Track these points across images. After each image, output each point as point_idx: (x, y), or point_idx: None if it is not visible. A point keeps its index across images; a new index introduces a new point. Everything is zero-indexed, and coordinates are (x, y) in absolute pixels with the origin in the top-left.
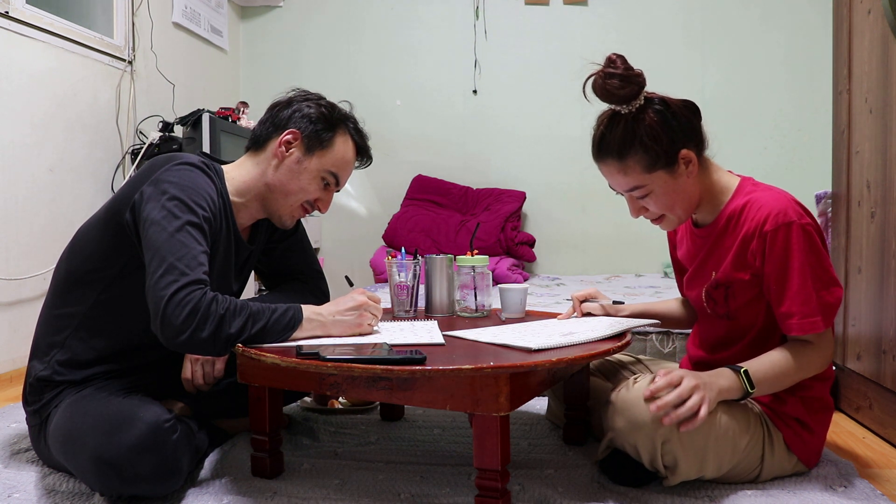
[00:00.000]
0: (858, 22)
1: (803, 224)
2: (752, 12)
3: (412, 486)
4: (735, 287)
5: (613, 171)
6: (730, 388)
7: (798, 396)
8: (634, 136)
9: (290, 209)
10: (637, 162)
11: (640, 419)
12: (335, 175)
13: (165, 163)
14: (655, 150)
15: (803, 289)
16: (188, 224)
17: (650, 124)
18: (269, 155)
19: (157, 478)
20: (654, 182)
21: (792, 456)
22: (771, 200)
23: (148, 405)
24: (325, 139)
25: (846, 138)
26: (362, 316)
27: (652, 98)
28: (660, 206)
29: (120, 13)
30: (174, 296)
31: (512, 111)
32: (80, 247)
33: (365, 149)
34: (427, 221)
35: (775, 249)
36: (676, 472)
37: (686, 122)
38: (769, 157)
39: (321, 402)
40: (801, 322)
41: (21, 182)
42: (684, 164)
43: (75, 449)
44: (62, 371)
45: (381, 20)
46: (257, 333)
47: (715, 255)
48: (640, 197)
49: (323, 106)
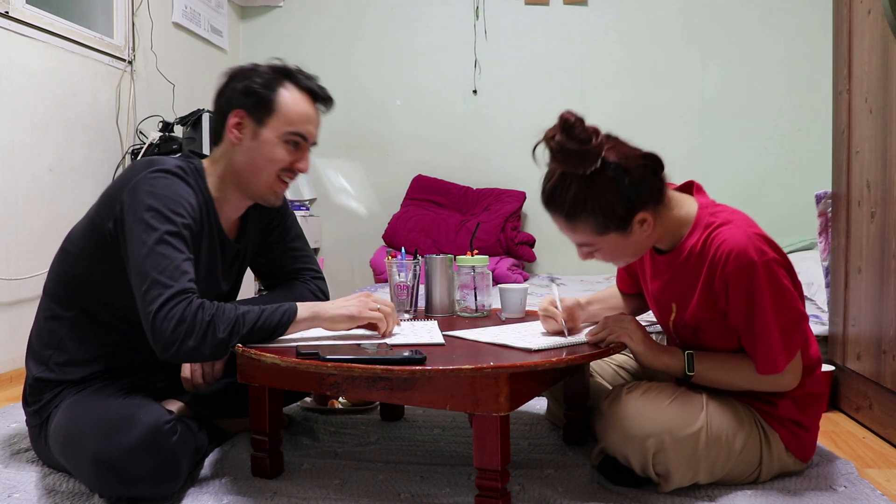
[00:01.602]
0: (858, 22)
1: (765, 262)
2: (752, 12)
3: (412, 486)
4: (704, 325)
5: (562, 226)
6: (671, 364)
7: (789, 398)
8: (586, 202)
9: (268, 184)
10: (587, 225)
11: (630, 431)
12: (297, 133)
13: (142, 169)
14: (607, 217)
15: (765, 332)
16: (167, 234)
17: (603, 193)
18: (228, 143)
19: (157, 480)
20: (605, 242)
21: (790, 455)
22: (730, 237)
23: (148, 406)
24: (268, 103)
25: (846, 138)
26: (365, 305)
27: (608, 163)
28: (608, 259)
29: (120, 13)
30: (160, 311)
31: (512, 111)
32: (68, 252)
33: (316, 91)
34: (427, 221)
35: (739, 291)
36: (669, 480)
37: (644, 183)
38: (769, 157)
39: (321, 402)
40: (763, 364)
41: (21, 182)
42: (639, 224)
43: (75, 450)
44: (60, 371)
45: (381, 20)
46: (249, 334)
47: (676, 284)
48: (587, 253)
49: (254, 73)
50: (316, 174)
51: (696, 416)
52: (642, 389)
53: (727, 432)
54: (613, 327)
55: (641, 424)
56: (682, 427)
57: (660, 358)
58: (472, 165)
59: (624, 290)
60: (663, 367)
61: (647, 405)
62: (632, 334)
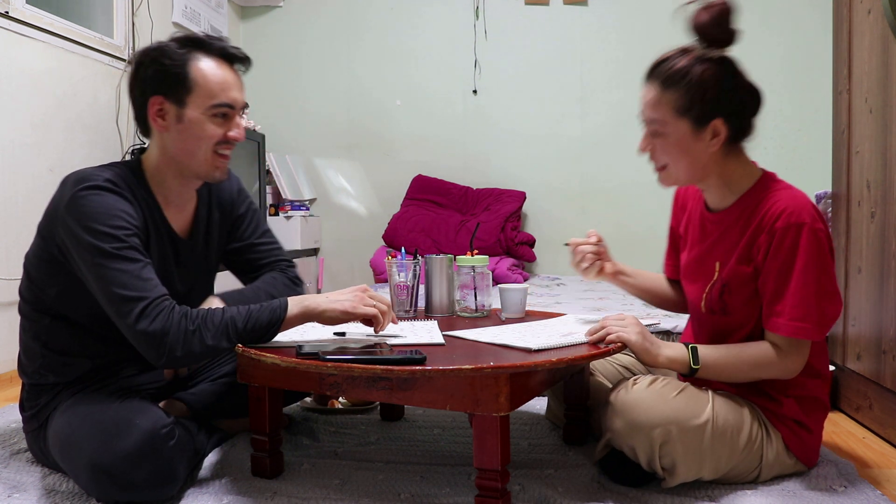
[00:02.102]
0: (858, 22)
1: (816, 228)
2: (752, 12)
3: (412, 486)
4: (733, 283)
5: (650, 95)
6: (672, 359)
7: (794, 397)
8: (686, 75)
9: (207, 162)
10: (673, 100)
11: (639, 421)
12: (222, 103)
13: (71, 188)
14: (695, 99)
15: (802, 291)
16: (115, 249)
17: (708, 76)
18: (156, 132)
19: (153, 485)
20: (675, 128)
21: (791, 456)
22: (788, 198)
23: (145, 410)
24: (184, 82)
25: (846, 138)
26: (361, 300)
27: (727, 59)
28: (665, 154)
29: (120, 13)
30: (137, 324)
31: (512, 111)
32: (28, 272)
33: (228, 52)
34: (427, 221)
35: (783, 247)
36: (675, 474)
37: (739, 100)
38: (769, 157)
39: (321, 402)
40: (789, 323)
41: (21, 182)
42: (712, 132)
43: (72, 455)
44: (52, 376)
45: (381, 20)
46: (240, 337)
47: (722, 244)
48: (653, 134)
49: (162, 54)
50: (316, 174)
51: (702, 408)
52: (649, 381)
53: (732, 427)
54: (613, 326)
55: (649, 414)
56: (689, 418)
57: (663, 353)
58: (472, 165)
59: (669, 275)
60: (667, 362)
61: (654, 396)
62: (631, 332)
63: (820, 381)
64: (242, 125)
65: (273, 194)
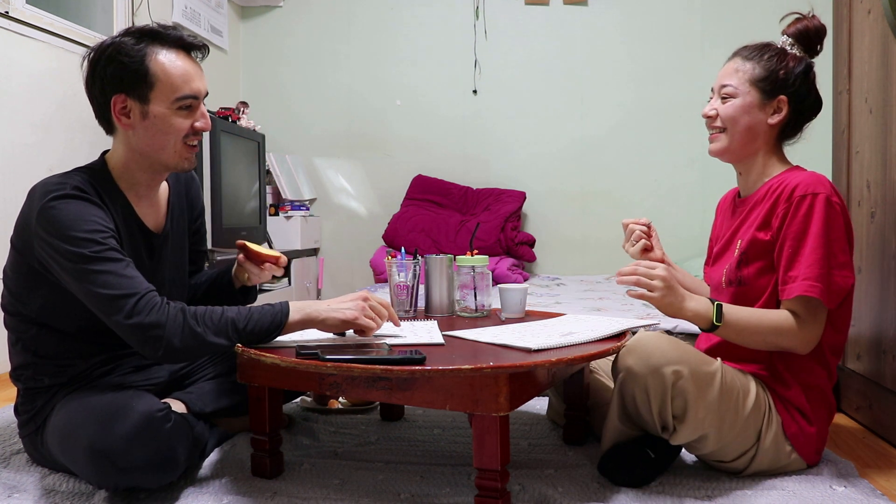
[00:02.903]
0: (858, 22)
1: (831, 199)
2: (752, 12)
3: (412, 486)
4: (750, 252)
5: (731, 66)
6: (697, 312)
7: (800, 384)
8: (769, 52)
9: (177, 154)
10: (752, 69)
11: (653, 357)
12: (186, 96)
13: (39, 200)
14: (770, 73)
15: (814, 255)
16: (94, 252)
17: (788, 62)
18: (121, 130)
19: (153, 468)
20: (745, 94)
21: (788, 444)
22: (808, 174)
23: (141, 396)
24: (145, 77)
25: (846, 138)
26: (362, 311)
27: (808, 60)
28: (730, 114)
29: (120, 13)
30: (129, 320)
31: (512, 111)
32: (7, 285)
33: (186, 42)
34: (427, 221)
35: (798, 215)
36: (684, 423)
37: (805, 94)
38: None
39: (321, 402)
40: (802, 283)
41: (21, 182)
42: (776, 106)
43: (71, 443)
44: (45, 378)
45: (381, 20)
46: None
47: (746, 223)
48: (723, 95)
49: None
50: (316, 174)
51: (712, 362)
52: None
53: (739, 389)
54: (642, 278)
55: (664, 352)
56: (700, 364)
57: (687, 306)
58: (472, 165)
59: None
60: (691, 315)
61: (667, 340)
62: (657, 287)
63: (826, 375)
64: (207, 114)
65: (273, 194)
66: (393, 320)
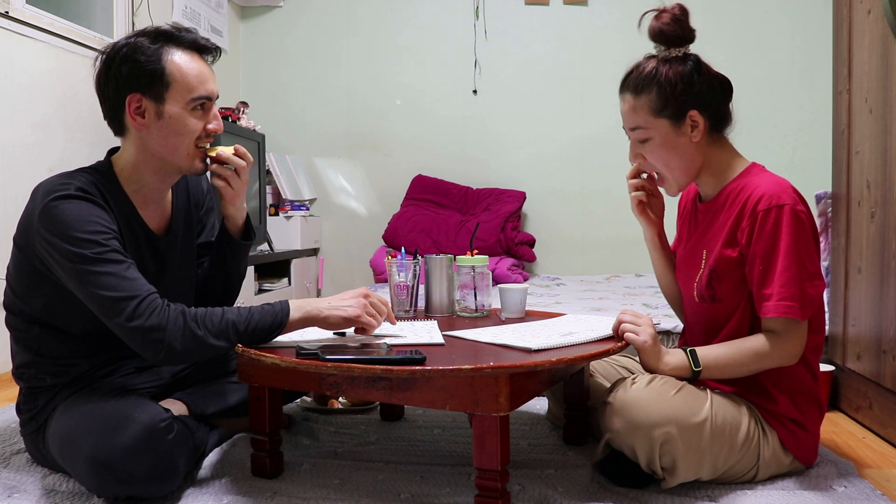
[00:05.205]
0: (858, 22)
1: (797, 210)
2: (752, 12)
3: (412, 486)
4: (720, 269)
5: (626, 106)
6: (677, 365)
7: (787, 393)
8: (655, 76)
9: (189, 156)
10: (648, 102)
11: (639, 420)
12: (200, 96)
13: (44, 198)
14: (667, 97)
15: (787, 272)
16: (97, 254)
17: (674, 74)
18: (134, 130)
19: (154, 479)
20: (657, 129)
21: (788, 455)
22: (769, 183)
23: (144, 405)
24: (161, 77)
25: (846, 138)
26: (364, 308)
27: (690, 55)
28: (656, 159)
29: (120, 13)
30: (130, 322)
31: (512, 111)
32: (10, 284)
33: (200, 44)
34: (427, 221)
35: (765, 230)
36: (675, 474)
37: (708, 89)
38: (769, 156)
39: (321, 402)
40: (778, 304)
41: (21, 182)
42: (691, 124)
43: (72, 451)
44: (48, 377)
45: (381, 20)
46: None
47: (710, 232)
48: (640, 140)
49: (135, 50)
50: (316, 174)
51: (701, 405)
52: (647, 380)
53: (731, 425)
54: (627, 325)
55: (648, 414)
56: (688, 416)
57: (664, 361)
58: (471, 165)
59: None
60: (669, 371)
61: (653, 395)
62: (643, 335)
63: (811, 377)
64: (220, 116)
65: (273, 194)
66: (389, 318)
